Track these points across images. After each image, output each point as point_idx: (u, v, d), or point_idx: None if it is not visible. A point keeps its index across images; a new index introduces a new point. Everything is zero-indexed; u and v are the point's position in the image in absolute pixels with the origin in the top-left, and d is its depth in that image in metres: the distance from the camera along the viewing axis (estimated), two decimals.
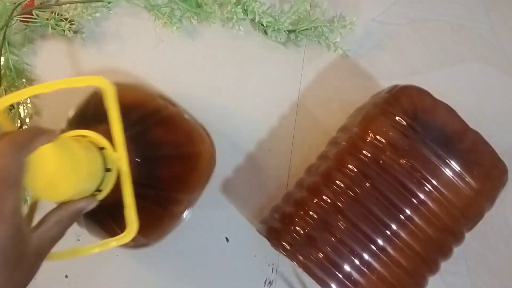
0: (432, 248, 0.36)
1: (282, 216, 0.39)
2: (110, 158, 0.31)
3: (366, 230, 0.36)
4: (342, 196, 0.36)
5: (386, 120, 0.37)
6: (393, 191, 0.36)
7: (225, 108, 0.47)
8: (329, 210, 0.36)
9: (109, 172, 0.31)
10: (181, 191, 0.38)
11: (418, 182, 0.35)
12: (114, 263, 0.46)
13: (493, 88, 0.47)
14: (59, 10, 0.47)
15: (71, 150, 0.28)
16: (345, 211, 0.36)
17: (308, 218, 0.37)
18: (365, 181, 0.36)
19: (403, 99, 0.38)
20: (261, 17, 0.45)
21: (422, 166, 0.35)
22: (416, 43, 0.48)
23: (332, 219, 0.36)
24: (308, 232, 0.36)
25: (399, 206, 0.36)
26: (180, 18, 0.47)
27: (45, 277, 0.46)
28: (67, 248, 0.31)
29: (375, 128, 0.37)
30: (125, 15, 0.48)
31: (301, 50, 0.48)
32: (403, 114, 0.37)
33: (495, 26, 0.48)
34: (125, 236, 0.30)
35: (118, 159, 0.31)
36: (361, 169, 0.36)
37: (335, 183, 0.37)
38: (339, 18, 0.48)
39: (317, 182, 0.38)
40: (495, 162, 0.37)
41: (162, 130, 0.37)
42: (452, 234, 0.37)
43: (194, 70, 0.48)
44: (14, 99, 0.31)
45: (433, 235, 0.36)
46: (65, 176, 0.27)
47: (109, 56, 0.48)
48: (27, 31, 0.48)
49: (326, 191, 0.37)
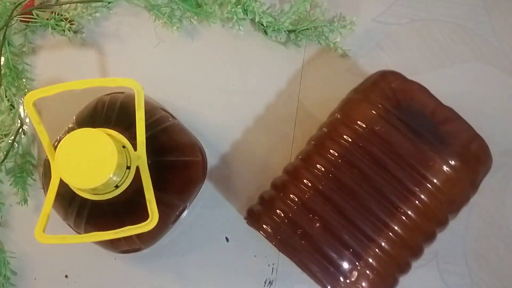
0: (415, 231, 0.37)
1: (262, 199, 0.40)
2: (129, 157, 0.33)
3: (348, 214, 0.36)
4: (324, 180, 0.37)
5: (366, 105, 0.37)
6: (374, 174, 0.36)
7: (224, 107, 0.47)
8: (310, 194, 0.37)
9: (128, 169, 0.33)
10: (179, 197, 0.41)
11: (398, 164, 0.36)
12: (114, 262, 0.46)
13: (493, 88, 0.47)
14: (59, 10, 0.47)
15: (106, 141, 0.31)
16: (326, 195, 0.36)
17: (288, 201, 0.37)
18: (346, 165, 0.37)
19: (381, 83, 0.38)
20: (261, 17, 0.45)
21: (401, 147, 0.36)
22: (416, 43, 0.48)
23: (313, 202, 0.37)
24: (289, 216, 0.37)
25: (381, 189, 0.36)
26: (180, 18, 0.47)
27: (45, 277, 0.47)
28: (86, 234, 0.34)
29: (355, 112, 0.38)
30: (125, 15, 0.48)
31: (301, 50, 0.48)
32: (381, 98, 0.37)
33: (495, 26, 0.48)
34: (148, 224, 0.32)
35: (138, 157, 0.33)
36: (342, 153, 0.37)
37: (316, 167, 0.37)
38: (339, 18, 0.48)
39: (298, 166, 0.39)
40: (471, 137, 0.37)
41: (167, 137, 0.40)
42: (435, 217, 0.37)
43: (194, 70, 0.48)
44: (43, 93, 0.33)
45: (416, 218, 0.36)
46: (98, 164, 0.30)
47: (109, 56, 0.48)
48: (27, 31, 0.48)
49: (307, 174, 0.37)
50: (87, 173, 0.31)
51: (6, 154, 0.45)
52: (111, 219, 0.36)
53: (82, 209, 0.36)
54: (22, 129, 0.46)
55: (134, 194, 0.34)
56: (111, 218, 0.36)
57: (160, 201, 0.33)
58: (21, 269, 0.47)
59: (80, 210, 0.36)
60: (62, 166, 0.31)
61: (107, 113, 0.38)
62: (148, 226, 0.32)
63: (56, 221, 0.38)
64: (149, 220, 0.32)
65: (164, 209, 0.37)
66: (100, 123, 0.37)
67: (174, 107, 0.46)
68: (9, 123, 0.45)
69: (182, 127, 0.43)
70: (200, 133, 0.46)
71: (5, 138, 0.45)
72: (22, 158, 0.46)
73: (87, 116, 0.39)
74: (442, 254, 0.45)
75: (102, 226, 0.36)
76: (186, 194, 0.41)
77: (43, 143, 0.34)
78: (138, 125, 0.33)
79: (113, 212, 0.36)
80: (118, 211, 0.36)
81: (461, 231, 0.46)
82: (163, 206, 0.35)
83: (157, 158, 0.36)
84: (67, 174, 0.31)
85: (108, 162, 0.31)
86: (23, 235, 0.47)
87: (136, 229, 0.32)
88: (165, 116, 0.42)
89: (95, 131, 0.31)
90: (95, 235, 0.32)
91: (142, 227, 0.32)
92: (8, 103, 0.46)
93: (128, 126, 0.35)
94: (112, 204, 0.35)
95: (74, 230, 0.39)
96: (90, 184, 0.31)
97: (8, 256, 0.46)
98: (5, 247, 0.46)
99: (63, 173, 0.31)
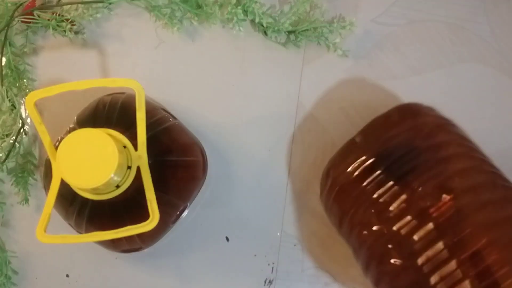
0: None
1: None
2: (130, 157, 0.34)
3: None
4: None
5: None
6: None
7: (225, 108, 0.48)
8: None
9: (129, 169, 0.33)
10: (180, 197, 0.41)
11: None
12: (115, 262, 0.46)
13: (492, 89, 0.47)
14: (60, 11, 0.47)
15: (107, 141, 0.31)
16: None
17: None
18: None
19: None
20: (261, 18, 0.45)
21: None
22: (415, 44, 0.48)
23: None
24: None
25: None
26: (180, 19, 0.48)
27: (46, 276, 0.47)
28: (87, 233, 0.34)
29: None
30: (126, 16, 0.49)
31: (301, 50, 0.48)
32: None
33: (494, 28, 0.48)
34: (148, 224, 0.32)
35: (139, 158, 0.33)
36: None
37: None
38: (338, 19, 0.48)
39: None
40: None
41: (168, 138, 0.40)
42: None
43: (194, 71, 0.48)
44: (45, 93, 0.33)
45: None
46: (99, 164, 0.31)
47: (110, 56, 0.48)
48: (28, 31, 0.48)
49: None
50: (88, 173, 0.31)
51: (8, 154, 0.45)
52: (112, 218, 0.36)
53: (83, 209, 0.36)
54: (24, 129, 0.47)
55: (135, 194, 0.34)
56: (112, 218, 0.36)
57: (160, 201, 0.33)
58: (22, 268, 0.47)
59: (81, 210, 0.37)
60: (63, 166, 0.31)
61: (108, 113, 0.38)
62: (149, 226, 0.32)
63: (58, 221, 0.38)
64: (149, 220, 0.32)
65: (165, 209, 0.37)
66: (101, 123, 0.37)
67: (175, 107, 0.46)
68: (10, 123, 0.46)
69: (183, 127, 0.43)
70: (200, 133, 0.46)
71: (7, 138, 0.45)
72: (24, 158, 0.46)
73: (88, 116, 0.39)
74: None
75: (103, 226, 0.37)
76: (186, 194, 0.42)
77: (44, 143, 0.34)
78: (139, 125, 0.33)
79: (114, 212, 0.36)
80: (119, 211, 0.36)
81: None
82: (163, 206, 0.35)
83: (158, 158, 0.37)
84: (68, 174, 0.31)
85: (109, 162, 0.31)
86: (25, 235, 0.47)
87: (137, 229, 0.32)
88: (166, 117, 0.42)
89: (96, 131, 0.32)
90: (96, 235, 0.32)
91: (143, 227, 0.32)
92: (9, 104, 0.46)
93: (129, 126, 0.35)
94: (113, 204, 0.35)
95: (75, 230, 0.39)
96: (91, 184, 0.31)
97: (10, 255, 0.46)
98: (6, 246, 0.46)
99: (64, 173, 0.31)
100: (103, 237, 0.32)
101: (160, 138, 0.39)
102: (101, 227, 0.37)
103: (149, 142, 0.34)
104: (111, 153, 0.31)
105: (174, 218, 0.41)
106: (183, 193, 0.41)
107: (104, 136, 0.31)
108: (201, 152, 0.44)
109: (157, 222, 0.32)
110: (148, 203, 0.33)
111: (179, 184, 0.40)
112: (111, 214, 0.36)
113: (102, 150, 0.31)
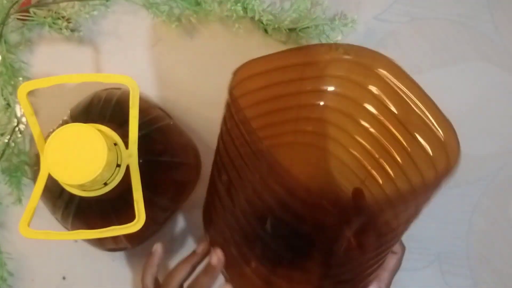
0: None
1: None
2: (121, 155, 0.33)
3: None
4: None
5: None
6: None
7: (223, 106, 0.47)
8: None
9: (119, 167, 0.33)
10: (170, 198, 0.40)
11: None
12: (112, 264, 0.46)
13: (495, 87, 0.47)
14: (56, 8, 0.47)
15: (96, 137, 0.30)
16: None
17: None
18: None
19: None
20: (261, 15, 0.45)
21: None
22: (417, 41, 0.47)
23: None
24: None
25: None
26: (179, 16, 0.47)
27: (43, 278, 0.46)
28: (71, 231, 0.33)
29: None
30: (123, 13, 0.48)
31: None
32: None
33: (498, 25, 0.47)
34: (134, 225, 0.31)
35: (129, 156, 0.33)
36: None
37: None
38: (340, 16, 0.47)
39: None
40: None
41: (162, 137, 0.39)
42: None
43: (193, 69, 0.47)
44: (37, 84, 0.32)
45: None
46: (87, 161, 0.30)
47: (107, 54, 0.47)
48: (24, 29, 0.47)
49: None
50: (76, 168, 0.30)
51: (2, 153, 0.44)
52: (99, 216, 0.36)
53: (70, 204, 0.36)
54: (18, 128, 0.46)
55: (123, 193, 0.33)
56: (99, 215, 0.36)
57: (149, 202, 0.32)
58: (18, 270, 0.46)
59: (68, 205, 0.36)
60: (51, 161, 0.30)
61: (102, 108, 0.37)
62: (134, 227, 0.31)
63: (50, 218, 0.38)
64: (135, 221, 0.31)
65: (153, 210, 0.36)
66: (94, 118, 0.36)
67: (172, 106, 0.45)
68: (5, 122, 0.45)
69: (178, 127, 0.43)
70: (198, 133, 0.45)
71: (1, 137, 0.45)
72: (18, 158, 0.46)
73: (82, 110, 0.38)
74: (445, 255, 0.45)
75: (89, 223, 0.36)
76: (176, 196, 0.41)
77: (34, 135, 0.33)
78: (131, 123, 0.33)
79: (101, 209, 0.35)
80: (106, 208, 0.35)
81: (463, 232, 0.45)
82: (152, 207, 0.34)
83: (149, 158, 0.36)
84: (55, 169, 0.30)
85: (98, 159, 0.30)
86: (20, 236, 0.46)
87: (121, 230, 0.31)
88: (161, 116, 0.41)
89: (86, 127, 0.31)
90: (80, 233, 0.32)
91: (128, 228, 0.31)
92: (4, 102, 0.45)
93: (122, 123, 0.34)
94: (101, 201, 0.34)
95: (62, 225, 0.39)
96: (77, 180, 0.30)
97: (5, 257, 0.46)
98: (2, 248, 0.46)
99: (51, 167, 0.30)
100: (87, 236, 0.32)
101: (153, 137, 0.38)
102: (87, 224, 0.37)
103: (141, 141, 0.33)
104: (100, 150, 0.30)
105: (163, 220, 0.40)
106: (173, 195, 0.40)
107: (94, 132, 0.30)
108: (194, 155, 0.43)
109: (143, 223, 0.31)
110: (135, 204, 0.32)
111: (170, 186, 0.40)
112: (99, 212, 0.36)
113: (91, 146, 0.30)
